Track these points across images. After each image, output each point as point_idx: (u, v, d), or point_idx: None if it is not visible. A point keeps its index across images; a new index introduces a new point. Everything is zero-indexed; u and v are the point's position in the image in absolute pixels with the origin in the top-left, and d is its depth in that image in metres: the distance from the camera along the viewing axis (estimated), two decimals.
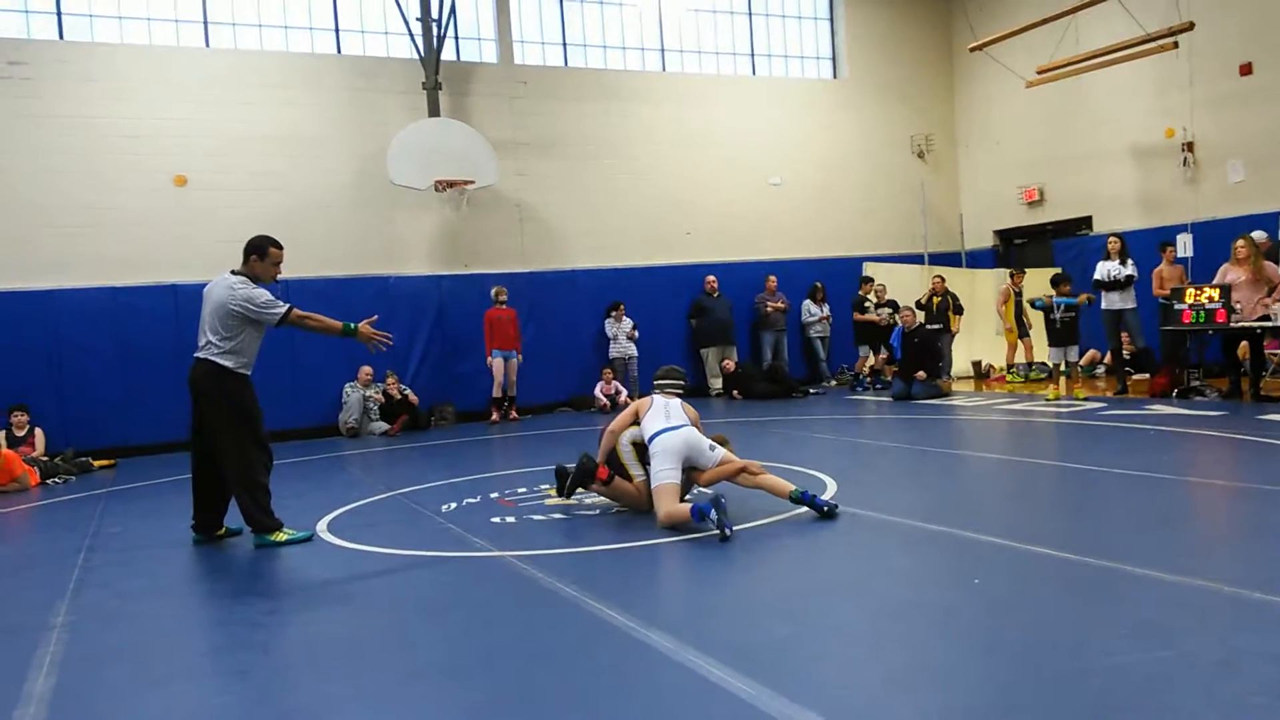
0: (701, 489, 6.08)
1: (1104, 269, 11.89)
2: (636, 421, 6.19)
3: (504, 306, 13.25)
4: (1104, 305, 11.88)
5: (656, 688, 3.31)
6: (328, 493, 7.92)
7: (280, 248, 6.25)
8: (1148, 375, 11.89)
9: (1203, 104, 13.20)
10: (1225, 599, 3.78)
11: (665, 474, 5.72)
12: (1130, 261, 11.77)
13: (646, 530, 5.65)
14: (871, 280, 15.08)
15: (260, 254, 6.15)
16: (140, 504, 8.22)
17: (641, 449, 6.15)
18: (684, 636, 3.70)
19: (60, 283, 11.67)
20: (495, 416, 13.18)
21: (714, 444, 6.00)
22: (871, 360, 14.54)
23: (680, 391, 6.35)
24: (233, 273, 6.09)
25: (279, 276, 6.31)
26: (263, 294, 6.01)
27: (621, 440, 6.24)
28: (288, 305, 6.05)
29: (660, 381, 6.40)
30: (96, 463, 10.76)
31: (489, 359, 13.13)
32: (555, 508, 6.63)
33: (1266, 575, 4.02)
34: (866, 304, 14.75)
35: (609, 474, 6.17)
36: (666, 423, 5.96)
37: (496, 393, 13.21)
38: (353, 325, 6.19)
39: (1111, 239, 11.96)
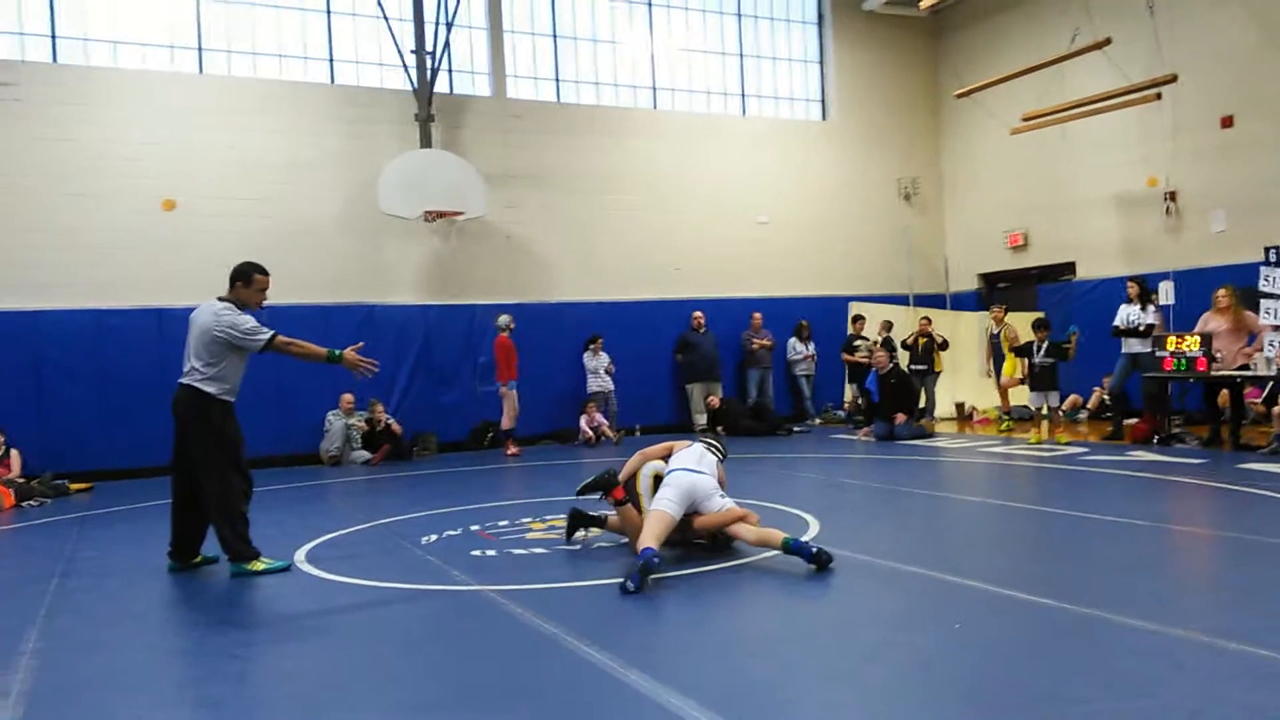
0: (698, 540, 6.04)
1: (1124, 314, 11.66)
2: (666, 458, 6.19)
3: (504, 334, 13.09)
4: (1123, 350, 11.72)
5: None
6: (307, 522, 7.86)
7: (266, 274, 6.25)
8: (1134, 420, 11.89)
9: (1185, 154, 13.40)
10: (1202, 648, 3.79)
11: (664, 503, 5.69)
12: (1151, 307, 11.57)
13: (626, 567, 5.62)
14: (863, 319, 15.14)
15: (245, 281, 6.15)
16: (117, 529, 8.14)
17: (659, 483, 6.05)
18: (663, 676, 3.68)
19: (44, 304, 11.61)
20: (515, 449, 12.87)
21: (724, 494, 5.95)
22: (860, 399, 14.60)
23: (720, 455, 6.32)
24: (219, 299, 6.09)
25: (264, 303, 6.31)
26: (247, 321, 6.01)
27: (644, 469, 6.19)
28: (271, 332, 6.04)
29: (707, 438, 6.46)
30: (73, 486, 10.65)
31: (503, 388, 12.95)
32: (536, 542, 6.59)
33: (1244, 625, 4.03)
34: (856, 344, 14.78)
35: (625, 496, 6.11)
36: (693, 465, 5.97)
37: (508, 424, 12.99)
38: (337, 351, 6.18)
39: (1130, 283, 11.77)
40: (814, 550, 5.33)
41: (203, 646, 4.55)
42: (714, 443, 6.44)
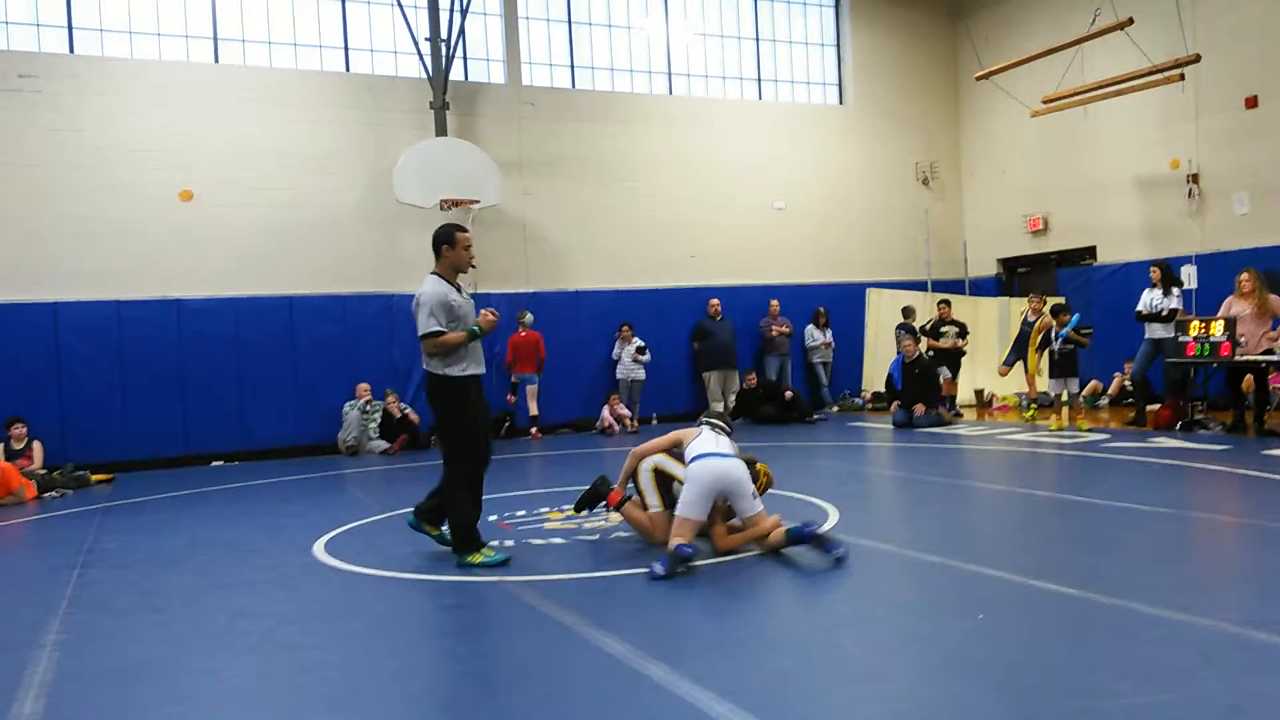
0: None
1: (1147, 299, 11.52)
2: (670, 451, 5.94)
3: (527, 330, 13.45)
4: (1146, 335, 11.58)
5: None
6: (326, 512, 7.86)
7: (465, 231, 6.15)
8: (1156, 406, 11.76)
9: (1208, 136, 13.22)
10: (1232, 639, 3.73)
11: (689, 508, 5.41)
12: (1175, 291, 11.42)
13: (645, 558, 5.57)
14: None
15: (450, 242, 6.09)
16: (138, 519, 8.16)
17: (663, 478, 5.87)
18: (682, 668, 3.65)
19: (63, 295, 11.64)
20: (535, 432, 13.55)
21: (756, 493, 5.60)
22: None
23: (728, 432, 5.99)
24: (432, 273, 5.98)
25: (474, 260, 6.21)
26: (425, 307, 5.82)
27: (643, 465, 5.98)
28: (432, 329, 5.75)
29: (711, 419, 6.07)
30: (94, 477, 10.69)
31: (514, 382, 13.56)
32: (554, 532, 6.58)
33: (1272, 615, 3.97)
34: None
35: (620, 499, 6.04)
36: (715, 449, 5.63)
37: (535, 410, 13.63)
38: (476, 327, 5.92)
39: (1153, 268, 11.62)
40: (814, 530, 5.21)
41: (223, 638, 4.55)
42: (718, 422, 6.05)
